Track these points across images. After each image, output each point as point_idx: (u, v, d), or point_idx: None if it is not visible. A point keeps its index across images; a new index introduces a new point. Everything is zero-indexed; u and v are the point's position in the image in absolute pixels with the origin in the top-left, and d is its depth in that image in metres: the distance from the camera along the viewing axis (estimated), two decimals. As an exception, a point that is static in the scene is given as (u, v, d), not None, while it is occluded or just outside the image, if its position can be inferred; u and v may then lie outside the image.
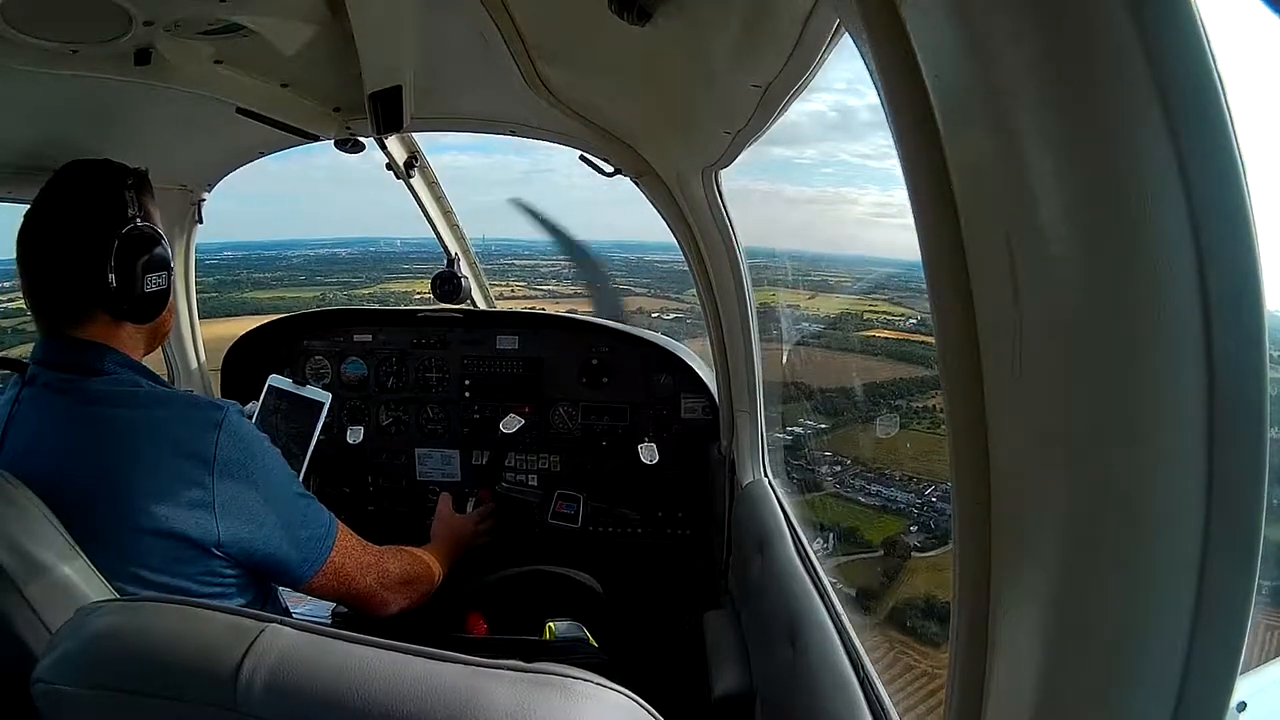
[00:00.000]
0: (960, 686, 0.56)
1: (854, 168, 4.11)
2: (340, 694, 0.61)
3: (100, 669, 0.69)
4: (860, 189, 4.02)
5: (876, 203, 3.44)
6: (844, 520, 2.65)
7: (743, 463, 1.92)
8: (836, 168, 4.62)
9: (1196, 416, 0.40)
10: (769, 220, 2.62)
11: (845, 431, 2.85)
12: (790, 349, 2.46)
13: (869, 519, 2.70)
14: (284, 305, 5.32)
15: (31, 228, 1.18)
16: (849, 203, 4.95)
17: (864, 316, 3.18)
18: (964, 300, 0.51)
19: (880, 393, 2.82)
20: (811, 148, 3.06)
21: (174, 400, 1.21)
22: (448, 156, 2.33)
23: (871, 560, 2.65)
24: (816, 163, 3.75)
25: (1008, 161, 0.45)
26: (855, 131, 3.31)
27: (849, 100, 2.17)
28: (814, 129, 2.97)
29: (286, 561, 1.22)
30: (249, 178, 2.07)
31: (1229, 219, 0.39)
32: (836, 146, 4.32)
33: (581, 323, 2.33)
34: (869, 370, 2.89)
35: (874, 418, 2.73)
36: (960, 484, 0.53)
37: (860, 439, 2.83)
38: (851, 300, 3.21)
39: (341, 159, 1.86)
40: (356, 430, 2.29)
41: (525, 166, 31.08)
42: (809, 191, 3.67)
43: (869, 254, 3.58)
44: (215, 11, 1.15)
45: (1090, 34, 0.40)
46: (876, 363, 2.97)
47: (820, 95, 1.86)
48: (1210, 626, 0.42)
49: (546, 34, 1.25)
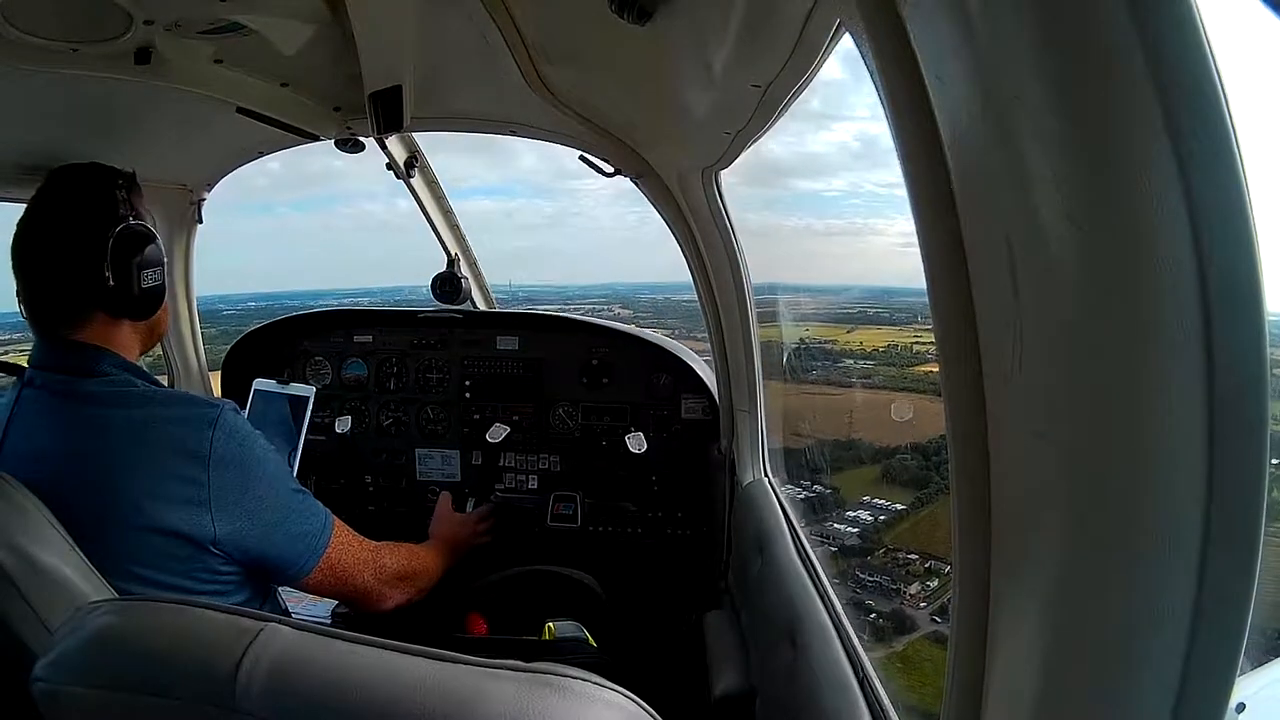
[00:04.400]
0: (959, 686, 0.56)
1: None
2: (339, 694, 0.61)
3: (99, 668, 0.69)
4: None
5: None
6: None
7: (743, 463, 1.92)
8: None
9: (1196, 416, 0.40)
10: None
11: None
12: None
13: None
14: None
15: (25, 232, 1.19)
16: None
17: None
18: (964, 300, 0.51)
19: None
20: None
21: (169, 399, 1.21)
22: (470, 202, 2.36)
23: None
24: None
25: (1008, 161, 0.45)
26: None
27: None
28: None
29: (283, 558, 1.22)
30: (299, 229, 2.08)
31: (1229, 219, 0.39)
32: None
33: (581, 323, 2.33)
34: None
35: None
36: (960, 484, 0.53)
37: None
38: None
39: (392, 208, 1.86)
40: (345, 420, 2.28)
41: (552, 211, 30.89)
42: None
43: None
44: (215, 11, 1.15)
45: (1090, 34, 0.40)
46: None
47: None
48: (1210, 626, 0.42)
49: (547, 34, 1.25)
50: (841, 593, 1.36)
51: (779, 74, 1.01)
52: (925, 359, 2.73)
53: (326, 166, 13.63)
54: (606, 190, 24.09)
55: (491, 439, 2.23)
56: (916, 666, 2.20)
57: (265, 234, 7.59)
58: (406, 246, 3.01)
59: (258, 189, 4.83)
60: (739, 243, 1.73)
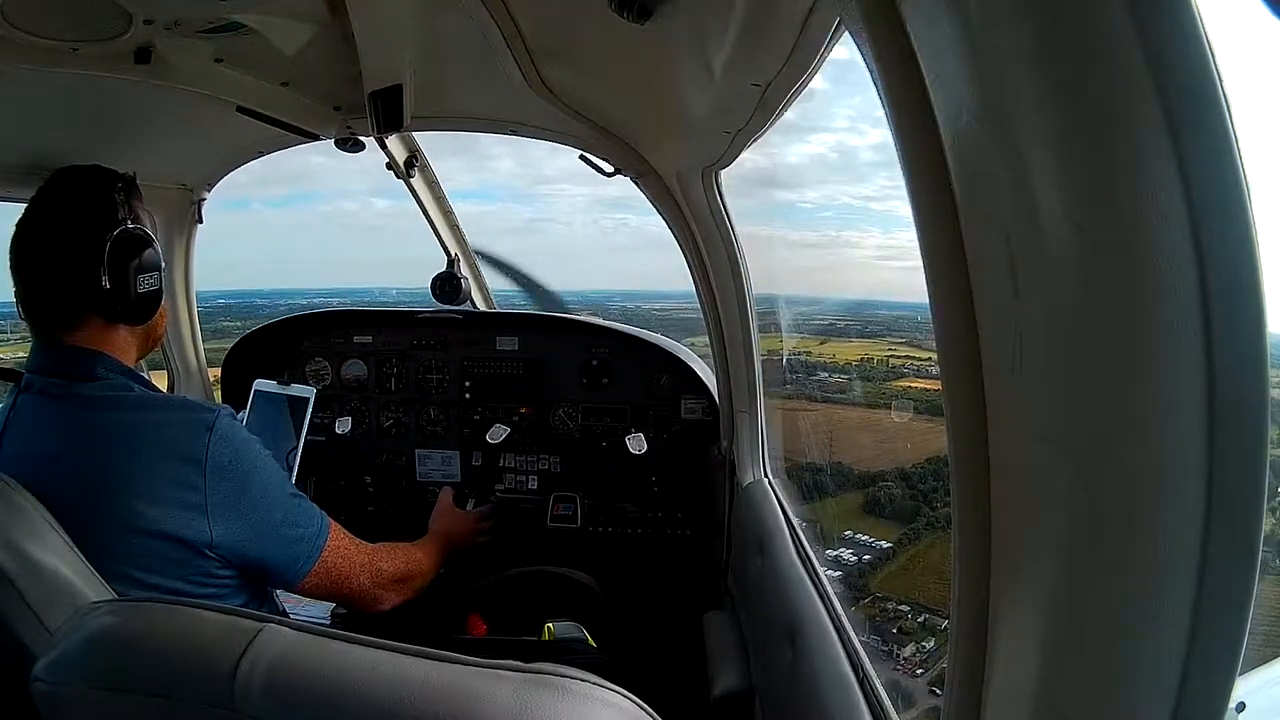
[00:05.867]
0: (959, 686, 0.56)
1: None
2: (338, 694, 0.61)
3: (98, 669, 0.69)
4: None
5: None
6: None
7: (743, 463, 1.92)
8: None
9: (1196, 416, 0.40)
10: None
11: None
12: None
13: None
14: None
15: (23, 235, 1.19)
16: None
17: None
18: (964, 300, 0.51)
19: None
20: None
21: (166, 404, 1.21)
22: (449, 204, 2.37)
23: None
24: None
25: (1008, 161, 0.45)
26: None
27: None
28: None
29: (278, 562, 1.22)
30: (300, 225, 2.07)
31: (1229, 219, 0.39)
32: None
33: (581, 323, 2.32)
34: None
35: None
36: (960, 484, 0.53)
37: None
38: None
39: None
40: (345, 421, 2.28)
41: (529, 215, 30.99)
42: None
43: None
44: (215, 10, 1.15)
45: (1090, 34, 0.39)
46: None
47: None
48: (1210, 626, 0.42)
49: (547, 33, 1.25)
50: (843, 593, 1.36)
51: (779, 73, 1.01)
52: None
53: (305, 164, 13.65)
54: (582, 197, 23.27)
55: (491, 439, 2.23)
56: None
57: (240, 229, 7.54)
58: (383, 246, 2.96)
59: (238, 184, 4.83)
60: (739, 242, 1.73)
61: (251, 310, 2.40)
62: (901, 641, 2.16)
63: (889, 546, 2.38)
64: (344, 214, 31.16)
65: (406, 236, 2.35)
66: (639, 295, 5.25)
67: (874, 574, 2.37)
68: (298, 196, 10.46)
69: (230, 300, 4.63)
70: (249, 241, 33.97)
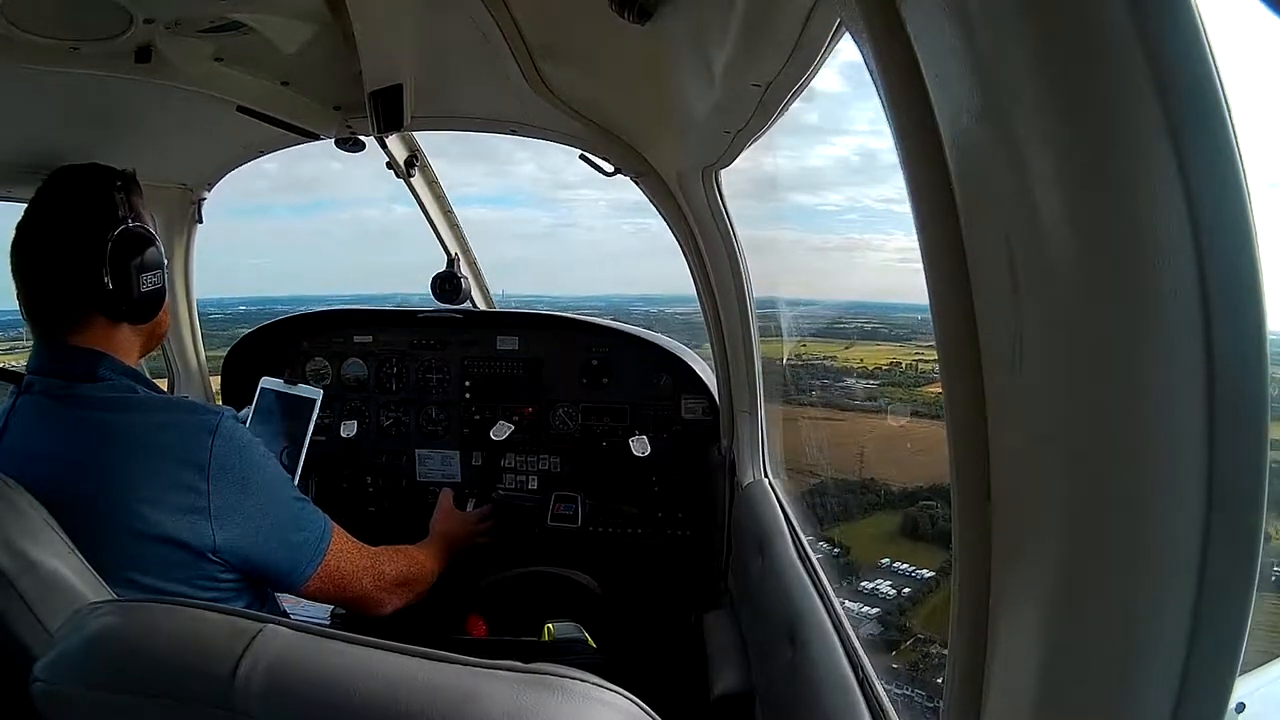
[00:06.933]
0: (959, 686, 0.56)
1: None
2: (337, 694, 0.61)
3: (98, 669, 0.69)
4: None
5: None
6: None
7: (743, 463, 1.92)
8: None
9: (1196, 415, 0.40)
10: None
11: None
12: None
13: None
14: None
15: (24, 235, 1.19)
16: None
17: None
18: (964, 299, 0.51)
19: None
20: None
21: (169, 405, 1.21)
22: (470, 210, 2.36)
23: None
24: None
25: (1008, 161, 0.45)
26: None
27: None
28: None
29: (282, 566, 1.22)
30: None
31: (1229, 219, 0.39)
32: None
33: (581, 323, 2.32)
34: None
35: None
36: (960, 483, 0.53)
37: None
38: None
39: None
40: (350, 424, 2.28)
41: (549, 221, 31.00)
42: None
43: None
44: (216, 9, 1.15)
45: (1090, 34, 0.39)
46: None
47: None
48: (1210, 626, 0.42)
49: (547, 33, 1.25)
50: (841, 592, 1.36)
51: (779, 74, 1.01)
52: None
53: (323, 168, 13.55)
54: (603, 202, 23.17)
55: (496, 436, 2.23)
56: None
57: (258, 236, 7.49)
58: (399, 251, 2.97)
59: (255, 191, 4.70)
60: (739, 242, 1.73)
61: (271, 318, 2.40)
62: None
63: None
64: (363, 220, 31.25)
65: (427, 241, 2.33)
66: (660, 300, 5.25)
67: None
68: (315, 205, 10.27)
69: (251, 306, 4.63)
70: (269, 249, 33.97)
